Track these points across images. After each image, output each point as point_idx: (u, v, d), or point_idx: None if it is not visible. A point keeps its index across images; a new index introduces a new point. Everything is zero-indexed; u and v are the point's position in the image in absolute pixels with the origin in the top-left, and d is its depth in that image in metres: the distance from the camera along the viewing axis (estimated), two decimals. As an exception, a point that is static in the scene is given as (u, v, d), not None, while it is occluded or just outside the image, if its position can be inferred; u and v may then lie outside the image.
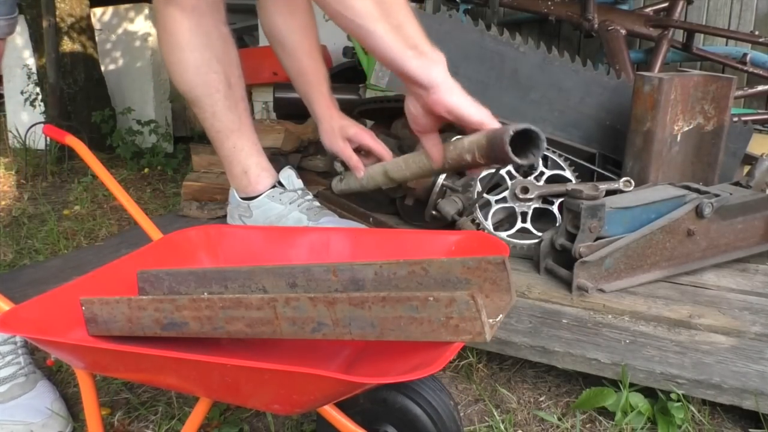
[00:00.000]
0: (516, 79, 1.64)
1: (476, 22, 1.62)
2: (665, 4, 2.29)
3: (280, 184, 1.52)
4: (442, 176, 1.60)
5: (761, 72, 2.22)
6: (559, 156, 1.54)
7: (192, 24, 1.33)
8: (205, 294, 0.89)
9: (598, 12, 2.24)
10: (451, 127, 1.60)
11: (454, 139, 1.57)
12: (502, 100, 1.64)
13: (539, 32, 2.70)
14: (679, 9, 2.23)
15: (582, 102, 1.67)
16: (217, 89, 1.38)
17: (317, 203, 1.53)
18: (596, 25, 2.22)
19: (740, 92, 2.23)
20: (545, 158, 1.54)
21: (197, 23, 1.33)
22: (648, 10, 2.31)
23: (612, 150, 1.67)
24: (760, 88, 2.23)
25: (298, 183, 1.54)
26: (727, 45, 2.39)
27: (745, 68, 2.21)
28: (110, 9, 3.42)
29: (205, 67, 1.36)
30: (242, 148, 1.45)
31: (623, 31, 2.20)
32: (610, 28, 2.19)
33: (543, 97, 1.66)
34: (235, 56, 1.43)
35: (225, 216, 1.67)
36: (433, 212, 1.60)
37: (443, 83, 0.92)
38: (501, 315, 0.71)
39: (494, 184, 1.53)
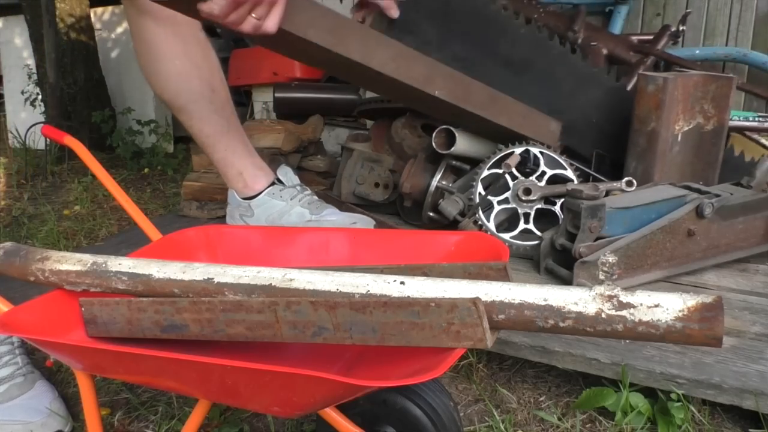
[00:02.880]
0: (510, 55, 1.63)
1: None
2: (651, 37, 2.31)
3: (279, 181, 1.52)
4: (437, 178, 1.60)
5: (759, 92, 2.23)
6: (560, 155, 1.54)
7: (168, 33, 1.33)
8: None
9: (585, 29, 2.26)
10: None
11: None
12: (493, 72, 1.62)
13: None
14: (664, 42, 2.25)
15: (572, 94, 1.66)
16: (201, 95, 1.38)
17: (316, 197, 1.54)
18: (580, 39, 2.24)
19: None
20: (545, 157, 1.54)
21: (173, 32, 1.33)
22: (634, 38, 2.33)
23: (590, 149, 1.66)
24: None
25: (296, 179, 1.54)
26: (726, 46, 2.38)
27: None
28: (110, 8, 3.42)
29: (186, 74, 1.36)
30: (234, 150, 1.45)
31: (605, 51, 2.23)
32: (592, 44, 2.23)
33: (534, 80, 1.65)
34: (215, 61, 1.44)
35: (225, 216, 1.67)
36: (431, 214, 1.59)
37: None
38: None
39: (495, 185, 1.53)
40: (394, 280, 0.71)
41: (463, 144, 1.57)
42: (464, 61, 1.59)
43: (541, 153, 1.53)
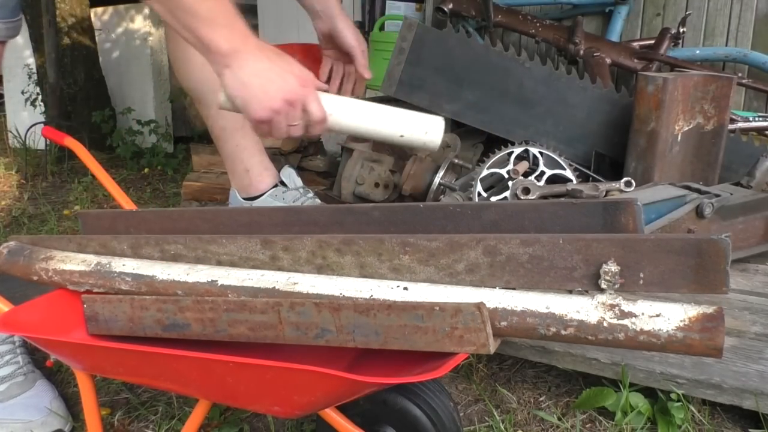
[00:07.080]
0: (521, 93, 1.67)
1: (482, 37, 1.64)
2: (652, 41, 2.31)
3: (282, 183, 1.52)
4: (439, 175, 1.60)
5: (760, 86, 2.23)
6: (559, 155, 1.54)
7: None
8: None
9: (585, 39, 2.26)
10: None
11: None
12: (506, 113, 1.67)
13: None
14: (665, 45, 2.26)
15: (589, 118, 1.68)
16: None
17: (318, 200, 1.54)
18: (582, 51, 2.24)
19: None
20: (545, 156, 1.54)
21: None
22: (635, 44, 2.33)
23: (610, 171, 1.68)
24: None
25: (299, 181, 1.54)
26: (726, 46, 2.39)
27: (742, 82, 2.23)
28: (110, 9, 3.42)
29: (208, 64, 1.36)
30: (245, 147, 1.45)
31: (608, 60, 2.24)
32: (595, 54, 2.23)
33: (548, 112, 1.68)
34: None
35: (225, 216, 1.66)
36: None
37: None
38: None
39: (495, 185, 1.53)
40: (398, 286, 0.71)
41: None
42: (477, 106, 1.67)
43: (540, 153, 1.53)
